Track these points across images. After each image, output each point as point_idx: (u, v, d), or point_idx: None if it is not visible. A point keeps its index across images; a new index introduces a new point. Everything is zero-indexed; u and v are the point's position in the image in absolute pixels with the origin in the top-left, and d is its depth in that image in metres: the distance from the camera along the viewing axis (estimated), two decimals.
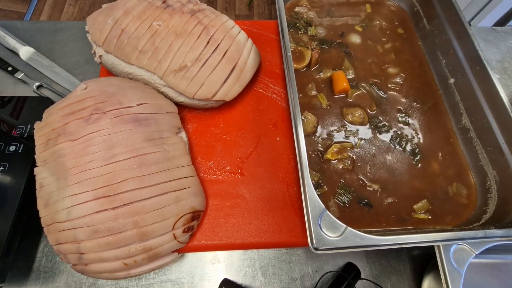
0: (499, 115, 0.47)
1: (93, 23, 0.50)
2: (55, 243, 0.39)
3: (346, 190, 0.47)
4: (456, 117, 0.54)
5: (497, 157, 0.47)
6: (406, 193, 0.48)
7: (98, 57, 0.51)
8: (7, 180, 0.45)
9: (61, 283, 0.45)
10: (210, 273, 0.48)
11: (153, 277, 0.47)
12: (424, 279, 0.46)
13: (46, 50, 0.61)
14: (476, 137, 0.51)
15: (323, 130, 0.52)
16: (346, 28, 0.62)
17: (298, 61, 0.57)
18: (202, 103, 0.50)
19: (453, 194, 0.49)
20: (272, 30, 0.62)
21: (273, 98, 0.55)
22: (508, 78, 0.68)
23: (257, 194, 0.47)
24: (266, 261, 0.49)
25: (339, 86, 0.55)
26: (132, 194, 0.39)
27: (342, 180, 0.48)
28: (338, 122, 0.53)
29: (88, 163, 0.39)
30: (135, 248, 0.38)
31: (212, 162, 0.49)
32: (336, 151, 0.50)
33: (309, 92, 0.55)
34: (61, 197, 0.38)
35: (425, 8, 0.63)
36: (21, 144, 0.48)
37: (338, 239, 0.36)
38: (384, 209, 0.47)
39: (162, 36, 0.48)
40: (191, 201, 0.42)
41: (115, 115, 0.43)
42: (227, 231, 0.45)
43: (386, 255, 0.50)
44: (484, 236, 0.38)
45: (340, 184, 0.48)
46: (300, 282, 0.48)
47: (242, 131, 0.52)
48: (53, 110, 0.45)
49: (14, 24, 0.64)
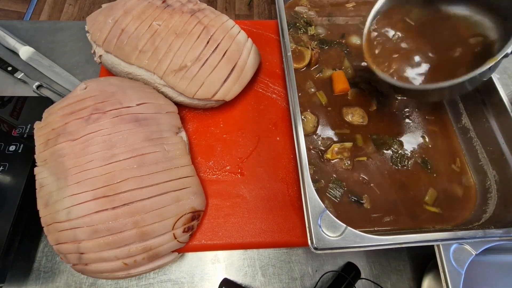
0: (499, 115, 0.47)
1: (93, 23, 0.50)
2: (55, 243, 0.39)
3: (342, 187, 0.47)
4: (456, 117, 0.54)
5: (497, 157, 0.47)
6: (408, 191, 0.48)
7: (98, 57, 0.51)
8: (7, 180, 0.45)
9: (61, 283, 0.45)
10: (210, 273, 0.48)
11: (153, 277, 0.47)
12: (424, 278, 0.46)
13: (46, 50, 0.61)
14: (476, 137, 0.51)
15: (323, 130, 0.52)
16: (346, 29, 0.62)
17: (298, 60, 0.57)
18: (202, 103, 0.50)
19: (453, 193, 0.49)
20: (272, 30, 0.62)
21: (273, 98, 0.55)
22: (508, 77, 0.68)
23: (257, 194, 0.47)
24: (266, 260, 0.49)
25: (339, 86, 0.55)
26: (132, 194, 0.39)
27: (345, 183, 0.48)
28: (339, 121, 0.53)
29: (88, 163, 0.39)
30: (135, 248, 0.38)
31: (212, 162, 0.49)
32: (336, 150, 0.50)
33: (309, 90, 0.55)
34: (61, 197, 0.38)
35: None
36: (21, 144, 0.48)
37: (338, 239, 0.36)
38: (384, 206, 0.47)
39: (162, 36, 0.48)
40: (191, 201, 0.42)
41: (115, 115, 0.43)
42: (227, 231, 0.45)
43: (386, 255, 0.50)
44: (484, 236, 0.38)
45: (338, 182, 0.48)
46: (300, 281, 0.48)
47: (242, 131, 0.52)
48: (53, 110, 0.45)
49: (14, 24, 0.64)
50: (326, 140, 0.51)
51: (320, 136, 0.52)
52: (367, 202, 0.47)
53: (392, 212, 0.46)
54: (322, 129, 0.52)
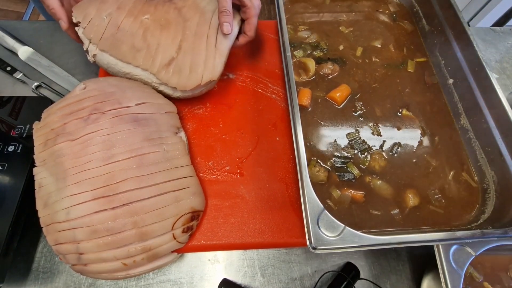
0: (498, 116, 0.47)
1: (84, 15, 0.47)
2: (54, 243, 0.39)
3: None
4: (455, 117, 0.54)
5: (495, 157, 0.48)
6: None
7: (91, 56, 0.48)
8: (6, 180, 0.45)
9: (60, 284, 0.45)
10: (209, 273, 0.48)
11: (153, 277, 0.47)
12: (423, 279, 0.46)
13: (45, 50, 0.61)
14: (474, 137, 0.51)
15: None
16: (347, 43, 0.61)
17: (303, 73, 0.57)
18: (198, 91, 0.49)
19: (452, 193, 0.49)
20: (272, 30, 0.62)
21: (272, 98, 0.55)
22: (507, 78, 0.68)
23: (256, 194, 0.47)
24: (265, 261, 0.49)
25: (342, 97, 0.54)
26: (131, 194, 0.39)
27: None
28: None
29: (87, 163, 0.39)
30: (134, 248, 0.38)
31: (212, 162, 0.49)
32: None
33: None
34: (60, 197, 0.38)
35: (424, 8, 0.63)
36: (20, 144, 0.47)
37: (337, 238, 0.36)
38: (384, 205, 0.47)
39: (151, 31, 0.46)
40: (191, 201, 0.42)
41: (114, 115, 0.42)
42: (227, 231, 0.45)
43: (386, 255, 0.50)
44: (482, 236, 0.38)
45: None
46: (300, 282, 0.48)
47: (241, 131, 0.52)
48: (52, 110, 0.45)
49: (13, 24, 0.64)
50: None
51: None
52: (365, 201, 0.47)
53: (390, 210, 0.47)
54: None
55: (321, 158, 0.50)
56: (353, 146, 0.51)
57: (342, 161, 0.49)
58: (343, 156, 0.50)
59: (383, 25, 0.65)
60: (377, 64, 0.59)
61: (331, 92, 0.55)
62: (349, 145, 0.51)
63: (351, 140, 0.51)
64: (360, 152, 0.51)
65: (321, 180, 0.48)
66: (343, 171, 0.49)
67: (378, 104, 0.55)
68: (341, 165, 0.49)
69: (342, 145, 0.51)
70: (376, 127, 0.53)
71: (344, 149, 0.51)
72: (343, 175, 0.48)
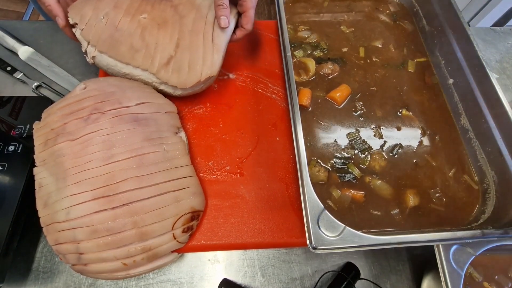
0: (498, 116, 0.47)
1: (80, 16, 0.46)
2: (54, 243, 0.39)
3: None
4: (455, 117, 0.54)
5: (495, 157, 0.48)
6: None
7: (91, 58, 0.48)
8: (6, 180, 0.45)
9: (60, 283, 0.45)
10: (209, 273, 0.48)
11: (153, 277, 0.47)
12: (423, 279, 0.46)
13: (45, 50, 0.61)
14: (475, 138, 0.51)
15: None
16: (349, 45, 0.61)
17: (303, 73, 0.57)
18: (198, 88, 0.48)
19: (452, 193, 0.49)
20: (272, 30, 0.62)
21: (272, 98, 0.55)
22: (507, 78, 0.68)
23: (256, 194, 0.47)
24: (265, 261, 0.49)
25: (342, 97, 0.54)
26: (131, 194, 0.39)
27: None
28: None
29: (87, 163, 0.39)
30: (134, 248, 0.38)
31: (212, 162, 0.49)
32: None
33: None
34: (60, 197, 0.38)
35: (425, 8, 0.63)
36: (20, 144, 0.47)
37: (337, 238, 0.36)
38: (384, 204, 0.47)
39: (149, 30, 0.46)
40: (191, 201, 0.42)
41: (114, 114, 0.42)
42: (227, 231, 0.45)
43: (386, 255, 0.50)
44: (483, 236, 0.38)
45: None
46: (300, 282, 0.48)
47: (241, 131, 0.52)
48: (52, 110, 0.45)
49: (13, 24, 0.64)
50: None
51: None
52: (366, 201, 0.47)
53: (390, 210, 0.46)
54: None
55: (321, 158, 0.50)
56: (353, 146, 0.51)
57: (343, 162, 0.49)
58: (344, 157, 0.50)
59: (383, 25, 0.65)
60: (377, 64, 0.59)
61: (331, 92, 0.55)
62: (349, 145, 0.51)
63: (351, 140, 0.51)
64: (360, 152, 0.51)
65: (321, 180, 0.48)
66: (344, 172, 0.49)
67: (378, 104, 0.55)
68: (341, 166, 0.49)
69: (342, 145, 0.51)
70: (378, 130, 0.53)
71: (344, 149, 0.51)
72: (344, 176, 0.48)
